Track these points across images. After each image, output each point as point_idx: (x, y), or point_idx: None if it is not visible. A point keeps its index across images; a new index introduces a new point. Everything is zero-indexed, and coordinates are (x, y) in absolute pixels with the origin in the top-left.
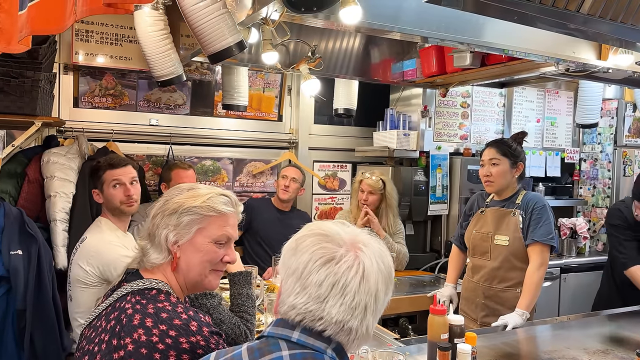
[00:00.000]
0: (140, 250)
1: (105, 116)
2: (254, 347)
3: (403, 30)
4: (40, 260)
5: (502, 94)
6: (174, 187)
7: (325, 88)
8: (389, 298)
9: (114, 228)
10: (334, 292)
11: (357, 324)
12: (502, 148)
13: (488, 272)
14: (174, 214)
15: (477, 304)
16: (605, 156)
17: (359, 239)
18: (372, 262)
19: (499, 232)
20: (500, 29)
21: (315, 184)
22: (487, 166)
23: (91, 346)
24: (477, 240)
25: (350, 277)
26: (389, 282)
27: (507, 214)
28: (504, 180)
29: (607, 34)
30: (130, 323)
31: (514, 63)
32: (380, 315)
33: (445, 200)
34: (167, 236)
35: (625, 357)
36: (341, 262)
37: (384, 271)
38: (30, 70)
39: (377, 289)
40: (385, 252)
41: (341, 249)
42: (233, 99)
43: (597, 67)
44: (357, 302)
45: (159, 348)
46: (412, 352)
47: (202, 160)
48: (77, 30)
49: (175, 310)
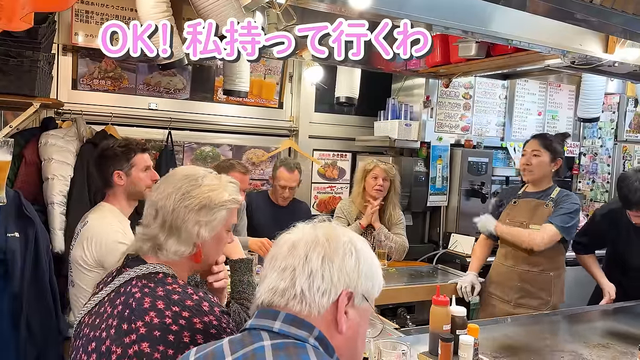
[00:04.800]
0: (148, 239)
1: (104, 99)
2: (235, 340)
3: (408, 17)
4: (38, 243)
5: (504, 85)
6: (177, 176)
7: (327, 76)
8: (342, 263)
9: (117, 213)
10: (271, 265)
11: (286, 284)
12: (545, 142)
13: (524, 257)
14: (203, 210)
15: (512, 287)
16: (605, 151)
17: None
18: (303, 237)
19: (533, 221)
20: (506, 19)
21: (315, 173)
22: (528, 156)
23: (97, 332)
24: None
25: (282, 250)
26: (332, 250)
27: (541, 205)
28: (542, 172)
29: (614, 25)
30: (141, 306)
31: (520, 54)
32: (332, 279)
33: (445, 191)
34: (199, 232)
35: (625, 351)
36: (281, 241)
37: (321, 241)
38: (29, 50)
39: (306, 253)
40: (334, 232)
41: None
42: (234, 85)
43: (603, 60)
44: (285, 266)
45: (173, 329)
46: (412, 342)
47: (201, 146)
48: (77, 10)
49: (185, 291)
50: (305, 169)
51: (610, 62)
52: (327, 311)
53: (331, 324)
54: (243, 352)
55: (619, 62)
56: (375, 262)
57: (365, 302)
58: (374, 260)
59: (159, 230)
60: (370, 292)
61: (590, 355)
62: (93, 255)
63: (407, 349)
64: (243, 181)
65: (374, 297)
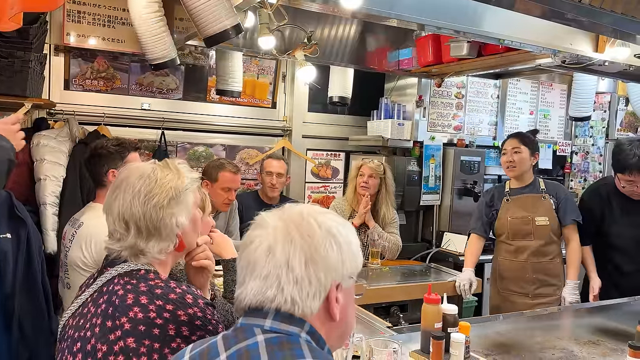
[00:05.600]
0: (125, 249)
1: (96, 99)
2: (229, 335)
3: (400, 17)
4: (30, 244)
5: (496, 85)
6: (129, 180)
7: (320, 76)
8: (326, 260)
9: None
10: (249, 271)
11: (274, 292)
12: (523, 139)
13: (534, 250)
14: (172, 201)
15: (527, 279)
16: (596, 149)
17: (279, 217)
18: (276, 238)
19: (538, 214)
20: (497, 19)
21: (309, 172)
22: (509, 154)
23: (82, 332)
24: (517, 225)
25: (257, 255)
26: (313, 249)
27: (538, 198)
28: (524, 167)
29: (604, 24)
30: (124, 303)
31: (511, 54)
32: (320, 281)
33: (438, 190)
34: (178, 221)
35: (615, 348)
36: (252, 244)
37: (298, 241)
38: (20, 50)
39: (287, 259)
40: (307, 224)
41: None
42: (227, 85)
43: (593, 60)
44: (267, 274)
45: (158, 323)
46: (404, 341)
47: (194, 146)
48: (69, 10)
49: (168, 285)
50: (298, 169)
51: (600, 61)
52: (319, 308)
53: (324, 316)
54: (237, 348)
55: (609, 61)
56: (353, 240)
57: (351, 280)
58: (351, 236)
59: (136, 238)
60: (355, 270)
61: (581, 352)
62: (92, 256)
63: (398, 347)
64: (234, 181)
65: (358, 272)
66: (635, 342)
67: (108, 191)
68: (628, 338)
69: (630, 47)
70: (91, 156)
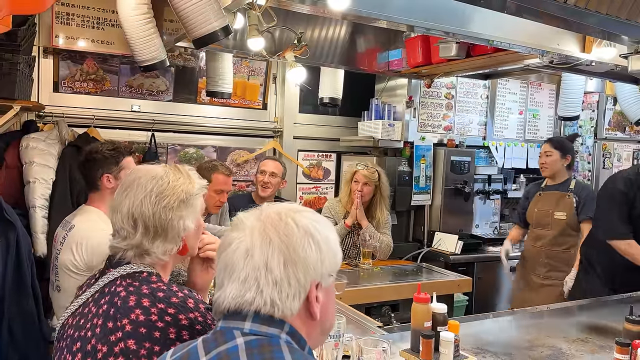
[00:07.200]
0: (131, 248)
1: (86, 101)
2: (208, 339)
3: (390, 19)
4: (19, 247)
5: (485, 85)
6: (141, 180)
7: (310, 77)
8: (305, 260)
9: (103, 216)
10: (227, 274)
11: (253, 295)
12: (554, 143)
13: (550, 239)
14: (182, 204)
15: (541, 263)
16: (585, 149)
17: (256, 217)
18: (254, 239)
19: (558, 209)
20: (486, 20)
21: (300, 174)
22: (542, 156)
23: (82, 332)
24: (539, 217)
25: (235, 258)
26: (291, 249)
27: (563, 196)
28: (555, 167)
29: (591, 26)
30: (126, 304)
31: (499, 54)
32: (300, 282)
33: (429, 190)
34: (185, 225)
35: (604, 345)
36: (230, 246)
37: (276, 242)
38: (9, 52)
39: (265, 261)
40: (284, 224)
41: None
42: (217, 86)
43: (580, 60)
44: (245, 277)
45: (159, 326)
46: (395, 340)
47: (185, 148)
48: (58, 12)
49: (170, 289)
50: (290, 170)
51: (587, 62)
52: (299, 308)
53: (304, 316)
54: (217, 352)
55: (596, 61)
56: (331, 236)
57: (331, 278)
58: (330, 233)
59: (143, 237)
60: (335, 267)
61: (570, 349)
62: (83, 259)
63: (388, 346)
64: (226, 183)
65: (337, 269)
66: (622, 339)
67: (117, 190)
68: (616, 335)
69: (617, 47)
70: (86, 160)
